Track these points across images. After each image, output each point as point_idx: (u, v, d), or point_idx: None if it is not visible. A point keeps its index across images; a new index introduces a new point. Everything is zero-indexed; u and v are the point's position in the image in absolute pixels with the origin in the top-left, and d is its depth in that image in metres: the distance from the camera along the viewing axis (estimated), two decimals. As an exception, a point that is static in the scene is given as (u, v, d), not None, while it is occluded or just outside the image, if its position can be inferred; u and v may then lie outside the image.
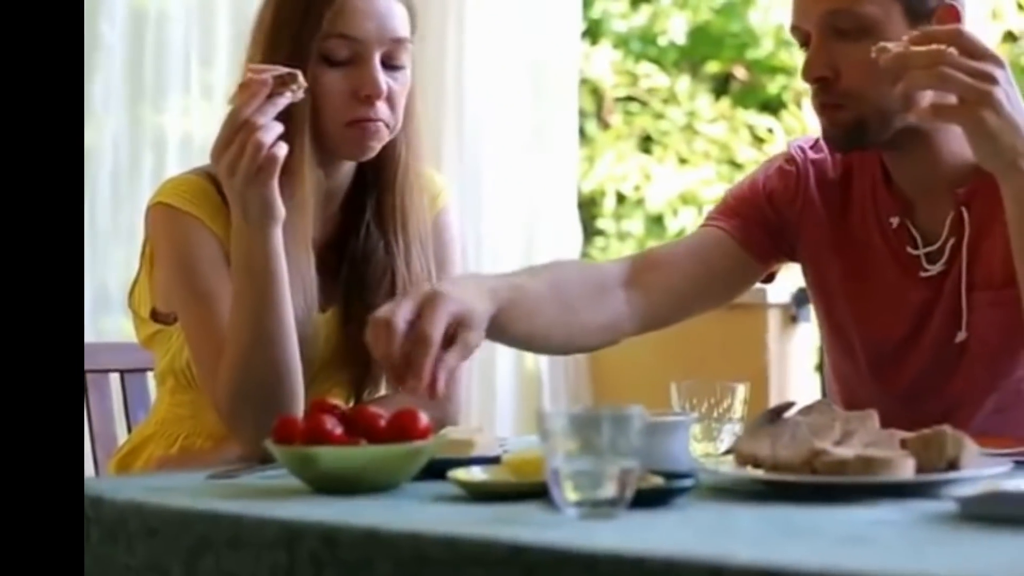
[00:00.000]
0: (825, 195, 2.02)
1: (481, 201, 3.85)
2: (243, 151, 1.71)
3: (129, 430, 2.18)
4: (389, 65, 1.90)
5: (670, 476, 1.40)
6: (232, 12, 3.52)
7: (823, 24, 1.85)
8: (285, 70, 1.75)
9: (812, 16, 1.86)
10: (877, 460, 1.38)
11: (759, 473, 1.44)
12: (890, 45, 1.69)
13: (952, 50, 1.63)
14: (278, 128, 1.73)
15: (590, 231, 5.67)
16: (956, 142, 1.85)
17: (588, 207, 5.74)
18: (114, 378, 2.26)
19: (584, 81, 5.21)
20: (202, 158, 3.47)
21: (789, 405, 1.57)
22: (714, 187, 5.82)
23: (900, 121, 1.84)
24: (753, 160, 5.79)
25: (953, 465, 1.43)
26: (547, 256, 3.88)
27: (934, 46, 1.64)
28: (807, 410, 1.58)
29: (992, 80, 1.63)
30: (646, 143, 6.06)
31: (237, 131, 1.72)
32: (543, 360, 3.86)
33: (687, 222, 5.84)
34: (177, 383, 1.98)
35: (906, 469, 1.39)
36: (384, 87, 1.88)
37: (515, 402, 3.85)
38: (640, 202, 5.96)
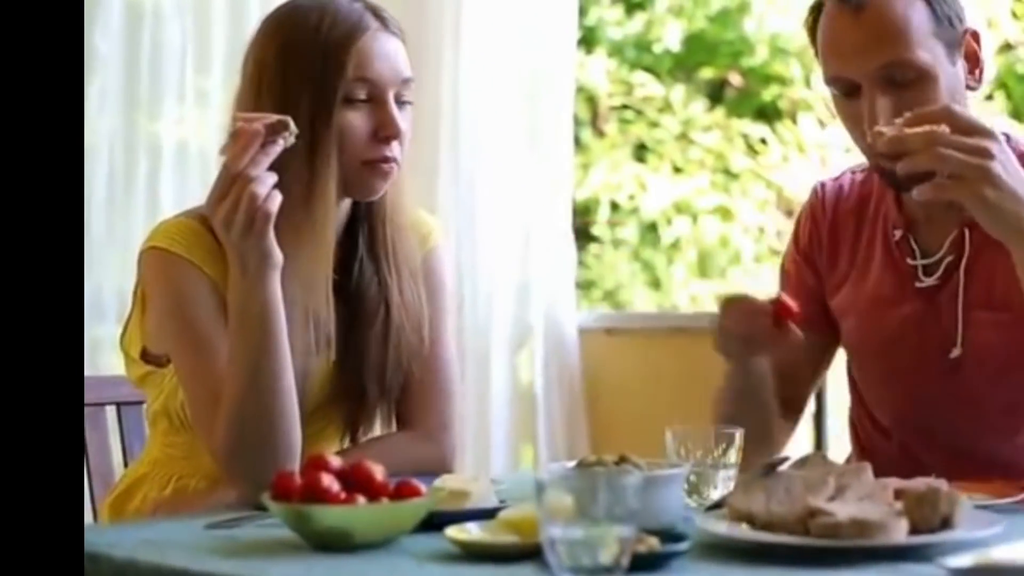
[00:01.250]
0: (842, 228, 2.09)
1: (476, 208, 3.85)
2: (238, 205, 1.71)
3: (126, 463, 2.18)
4: (399, 102, 1.92)
5: (665, 536, 1.41)
6: (228, 19, 3.52)
7: (879, 76, 1.87)
8: (276, 117, 1.75)
9: (865, 69, 1.87)
10: (870, 523, 1.38)
11: (753, 534, 1.45)
12: (885, 129, 1.73)
13: (944, 128, 1.66)
14: (272, 179, 1.73)
15: (585, 239, 5.68)
16: None
17: (583, 215, 5.74)
18: (110, 410, 2.26)
19: (579, 89, 5.19)
20: (197, 165, 3.53)
21: (783, 460, 1.58)
22: (708, 196, 5.83)
23: None
24: (748, 169, 5.80)
25: (947, 522, 1.44)
26: (542, 261, 3.89)
27: (927, 127, 1.67)
28: (801, 463, 1.58)
29: (987, 155, 1.66)
30: (641, 151, 6.05)
31: (231, 184, 1.72)
32: (538, 378, 3.85)
33: (681, 231, 5.84)
34: (171, 425, 1.97)
35: (899, 531, 1.40)
36: (401, 127, 1.90)
37: (510, 420, 3.85)
38: (635, 211, 5.96)
